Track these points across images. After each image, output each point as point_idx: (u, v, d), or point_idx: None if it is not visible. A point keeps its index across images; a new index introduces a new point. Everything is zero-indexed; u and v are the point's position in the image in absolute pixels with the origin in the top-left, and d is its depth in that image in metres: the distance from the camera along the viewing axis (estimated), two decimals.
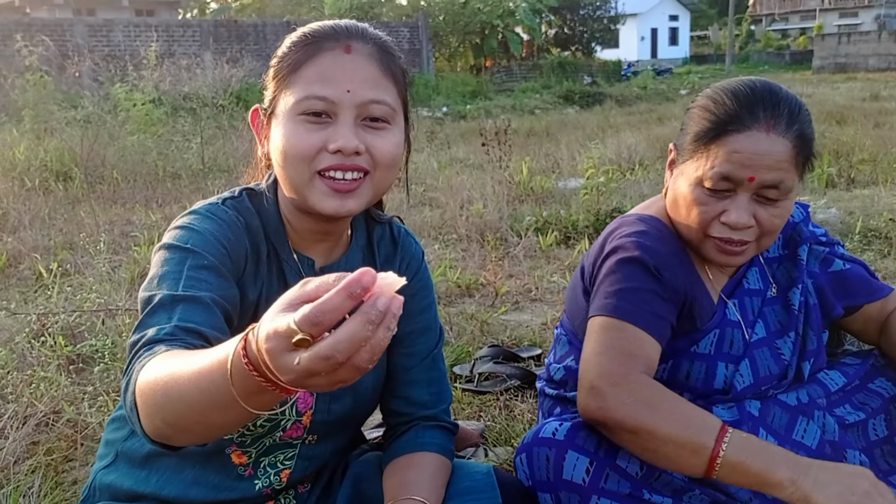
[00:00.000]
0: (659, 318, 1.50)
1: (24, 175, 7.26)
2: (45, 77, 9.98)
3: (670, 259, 1.55)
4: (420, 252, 1.57)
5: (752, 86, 1.46)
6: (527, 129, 12.63)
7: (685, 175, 1.51)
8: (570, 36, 35.32)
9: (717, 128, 1.45)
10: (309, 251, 1.39)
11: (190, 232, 1.24)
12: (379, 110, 1.23)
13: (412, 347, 1.52)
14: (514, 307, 3.98)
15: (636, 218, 1.64)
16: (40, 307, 3.72)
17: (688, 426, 1.33)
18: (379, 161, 1.24)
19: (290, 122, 1.23)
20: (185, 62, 12.38)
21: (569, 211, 5.75)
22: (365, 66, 1.23)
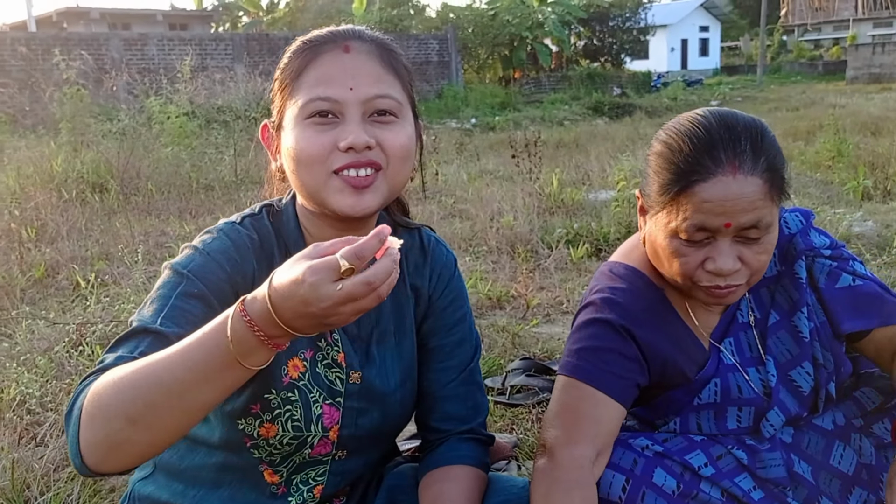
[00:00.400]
0: (619, 378, 1.46)
1: (62, 187, 7.38)
2: (82, 90, 10.15)
3: (644, 316, 1.51)
4: (452, 261, 1.53)
5: (707, 125, 1.37)
6: (556, 140, 12.58)
7: (658, 226, 1.44)
8: (600, 47, 35.19)
9: (679, 179, 1.36)
10: None
11: (194, 254, 1.24)
12: (385, 104, 1.23)
13: (448, 361, 1.48)
14: (545, 320, 3.96)
15: (610, 270, 1.59)
16: (78, 317, 3.78)
17: None
18: (391, 154, 1.24)
19: (299, 128, 1.23)
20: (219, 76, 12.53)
21: (600, 223, 5.71)
22: (365, 62, 1.23)
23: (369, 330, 1.41)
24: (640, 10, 35.71)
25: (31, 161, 8.06)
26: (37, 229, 5.88)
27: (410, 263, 1.47)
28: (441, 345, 1.48)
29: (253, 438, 1.33)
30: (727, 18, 52.01)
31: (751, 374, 1.54)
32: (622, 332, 1.49)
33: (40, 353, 3.32)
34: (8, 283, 4.58)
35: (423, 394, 1.50)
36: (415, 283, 1.47)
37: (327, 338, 1.36)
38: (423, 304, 1.48)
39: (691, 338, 1.55)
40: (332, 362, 1.35)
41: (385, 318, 1.43)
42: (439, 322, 1.48)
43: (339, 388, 1.36)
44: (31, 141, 9.93)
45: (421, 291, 1.47)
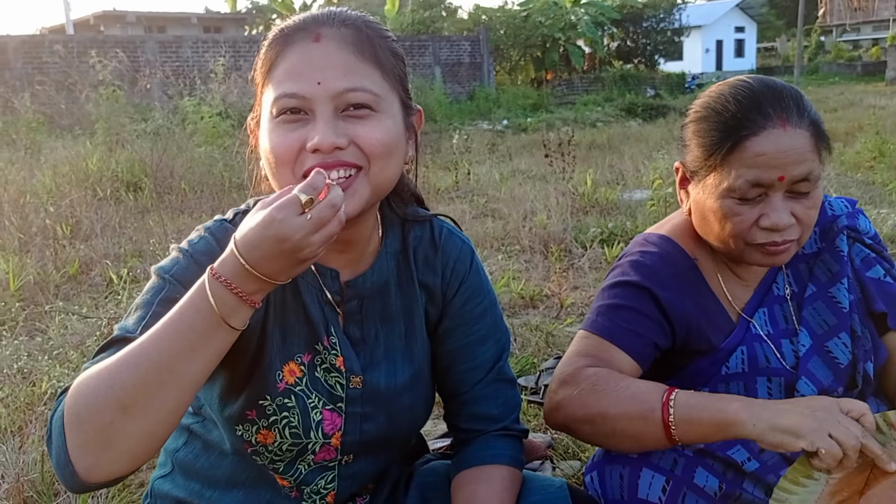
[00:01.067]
0: (636, 335, 1.44)
1: (97, 185, 7.46)
2: (118, 91, 10.27)
3: (672, 280, 1.49)
4: (468, 251, 1.41)
5: (749, 85, 1.40)
6: (588, 141, 12.48)
7: (708, 190, 1.43)
8: (633, 48, 34.88)
9: (730, 136, 1.37)
10: (332, 263, 1.28)
11: (179, 257, 1.17)
12: (358, 97, 1.12)
13: (473, 360, 1.39)
14: (579, 319, 3.90)
15: (646, 239, 1.59)
16: (110, 312, 3.79)
17: (633, 399, 1.30)
18: (369, 151, 1.13)
19: (270, 126, 1.15)
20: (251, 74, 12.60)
21: (635, 222, 5.65)
22: (336, 52, 1.12)
23: (373, 332, 1.33)
24: (675, 11, 35.32)
25: (67, 160, 8.16)
26: (72, 227, 5.94)
27: (419, 258, 1.37)
28: (463, 344, 1.39)
29: (252, 445, 1.28)
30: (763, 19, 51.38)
31: (784, 345, 1.52)
32: (644, 293, 1.48)
33: (72, 348, 3.33)
34: (43, 279, 4.62)
35: (450, 396, 1.44)
36: (425, 280, 1.37)
37: (324, 342, 1.28)
38: (437, 302, 1.38)
39: (718, 308, 1.53)
40: (330, 367, 1.28)
41: (392, 318, 1.35)
42: (458, 320, 1.39)
43: (340, 393, 1.29)
44: (67, 141, 10.06)
45: (433, 289, 1.38)
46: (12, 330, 3.69)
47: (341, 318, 1.29)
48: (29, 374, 3.12)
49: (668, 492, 1.42)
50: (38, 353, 3.32)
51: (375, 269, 1.31)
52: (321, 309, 1.27)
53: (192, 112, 10.08)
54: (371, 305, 1.32)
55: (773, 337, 1.53)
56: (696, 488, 1.42)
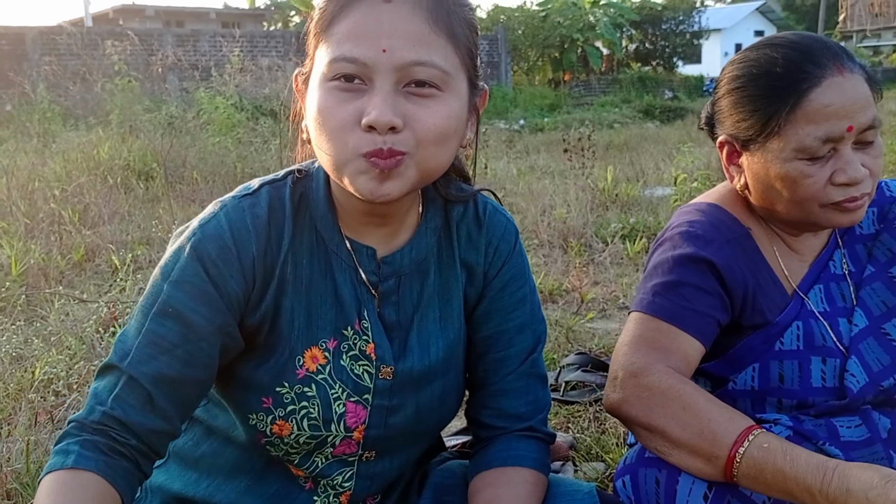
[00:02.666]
0: (699, 314, 1.35)
1: (108, 173, 7.37)
2: (133, 82, 10.22)
3: (727, 247, 1.40)
4: (512, 231, 1.30)
5: (788, 40, 1.34)
6: (606, 142, 12.35)
7: (769, 157, 1.33)
8: (652, 50, 34.70)
9: (789, 92, 1.29)
10: (366, 238, 1.18)
11: (179, 254, 1.09)
12: (425, 73, 1.00)
13: (507, 349, 1.27)
14: (600, 315, 3.76)
15: (693, 207, 1.49)
16: (112, 298, 3.66)
17: (701, 431, 1.20)
18: (422, 137, 1.01)
19: (321, 90, 1.03)
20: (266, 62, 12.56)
21: (657, 218, 5.55)
22: (408, 18, 1.00)
23: (410, 315, 1.21)
24: (694, 14, 35.15)
25: (79, 148, 8.09)
26: (79, 213, 5.85)
27: (462, 235, 1.25)
28: (499, 331, 1.27)
29: (266, 436, 1.16)
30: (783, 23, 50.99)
31: (841, 324, 1.43)
32: (702, 265, 1.37)
33: (70, 333, 3.20)
34: (46, 264, 4.50)
35: (477, 386, 1.30)
36: (467, 258, 1.26)
37: (354, 325, 1.16)
38: (478, 282, 1.27)
39: (774, 280, 1.43)
40: (359, 354, 1.17)
41: (430, 299, 1.23)
42: (497, 304, 1.27)
43: (367, 383, 1.17)
44: (81, 131, 10.01)
45: (474, 268, 1.26)
46: (10, 315, 3.55)
47: (377, 300, 1.18)
48: (23, 359, 2.98)
49: (710, 499, 1.27)
50: (34, 338, 3.19)
51: (414, 244, 1.21)
52: (354, 290, 1.17)
53: (207, 102, 10.00)
54: (409, 285, 1.21)
55: (829, 315, 1.43)
56: (742, 496, 1.27)
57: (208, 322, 1.07)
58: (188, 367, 1.06)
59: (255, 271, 1.11)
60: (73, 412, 2.49)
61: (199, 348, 1.07)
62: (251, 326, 1.12)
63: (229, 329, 1.10)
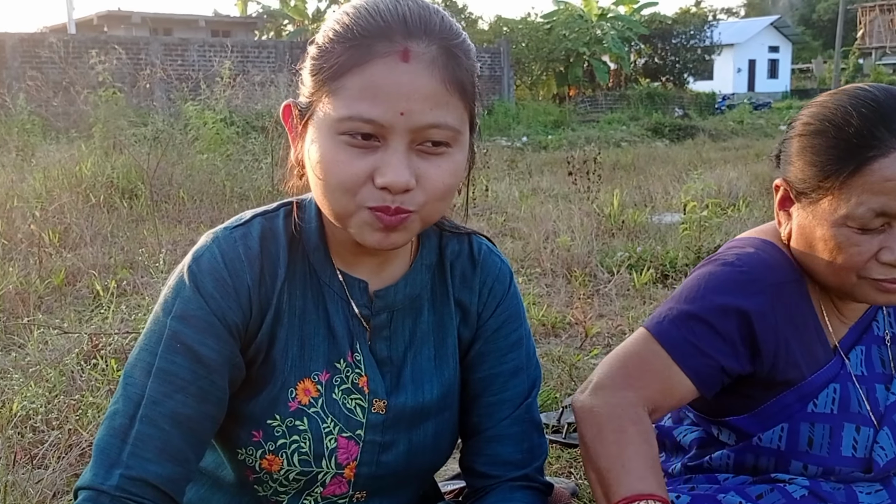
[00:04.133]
0: (702, 354, 1.34)
1: (90, 191, 7.39)
2: (118, 93, 10.25)
3: (773, 289, 1.37)
4: (507, 273, 1.35)
5: (873, 96, 1.28)
6: (612, 161, 12.39)
7: (819, 215, 1.32)
8: (661, 66, 34.91)
9: (852, 156, 1.25)
10: (358, 270, 1.22)
11: (180, 286, 1.14)
12: (439, 134, 1.06)
13: (500, 394, 1.31)
14: (605, 350, 3.77)
15: (748, 242, 1.48)
16: (94, 327, 3.67)
17: (609, 470, 1.24)
18: (431, 194, 1.08)
19: (330, 141, 1.06)
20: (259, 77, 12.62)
21: (665, 247, 5.54)
22: (426, 80, 1.04)
23: (402, 352, 1.25)
24: (706, 28, 35.38)
25: (60, 164, 8.11)
26: (60, 234, 5.85)
27: (457, 274, 1.31)
28: (492, 374, 1.31)
29: (255, 472, 1.20)
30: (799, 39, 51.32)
31: (878, 391, 1.42)
32: (728, 306, 1.35)
33: (50, 365, 3.21)
34: (25, 289, 4.51)
35: (470, 432, 1.34)
36: (461, 298, 1.31)
37: (347, 357, 1.21)
38: (472, 323, 1.32)
39: (818, 332, 1.41)
40: (351, 387, 1.21)
41: (423, 337, 1.27)
42: (490, 346, 1.32)
43: (360, 418, 1.21)
44: (62, 144, 10.03)
45: (468, 308, 1.31)
46: None
47: (368, 333, 1.23)
48: (0, 392, 2.99)
49: None
50: (12, 369, 3.19)
51: (408, 280, 1.26)
52: (347, 322, 1.22)
53: (195, 117, 10.03)
54: (401, 321, 1.26)
55: (867, 380, 1.42)
56: None
57: (218, 354, 1.12)
58: (203, 403, 1.11)
59: (252, 301, 1.15)
60: (54, 451, 2.52)
61: (212, 382, 1.12)
62: (247, 357, 1.17)
63: (236, 360, 1.15)
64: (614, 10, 31.84)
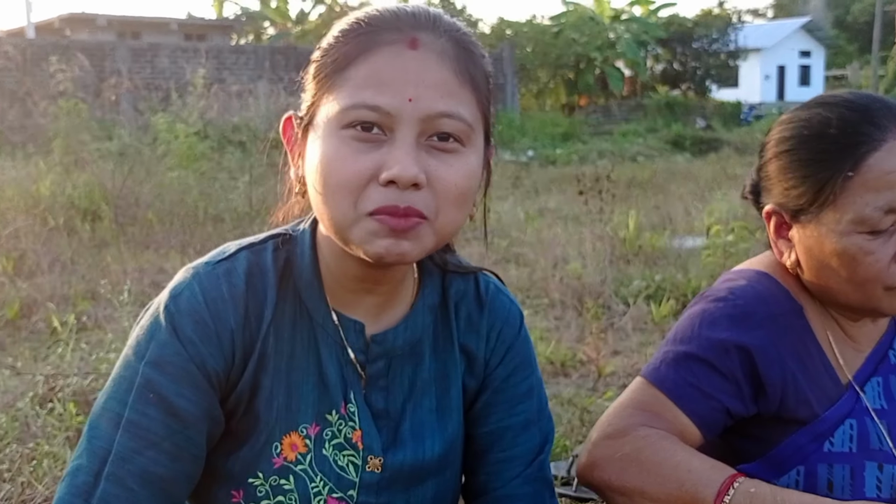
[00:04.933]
0: (703, 395, 1.35)
1: (48, 212, 7.40)
2: (80, 104, 10.29)
3: (771, 324, 1.38)
4: (517, 314, 1.34)
5: (844, 98, 1.35)
6: (628, 178, 12.45)
7: (823, 230, 1.34)
8: (681, 72, 35.15)
9: (844, 156, 1.30)
10: (355, 310, 1.21)
11: (155, 328, 1.12)
12: (450, 126, 1.06)
13: (510, 450, 1.29)
14: (620, 392, 3.74)
15: (738, 274, 1.49)
16: (50, 367, 3.67)
17: (682, 484, 1.23)
18: (444, 196, 1.07)
19: (332, 138, 1.06)
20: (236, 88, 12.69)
21: (686, 275, 5.58)
22: (435, 66, 1.06)
23: (401, 403, 1.23)
24: (730, 31, 35.67)
25: (15, 182, 8.12)
26: (14, 261, 5.86)
27: (462, 316, 1.29)
28: (501, 428, 1.30)
29: None
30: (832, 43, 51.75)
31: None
32: (728, 342, 1.36)
33: (1, 409, 3.20)
34: None
35: (476, 493, 1.32)
36: (467, 344, 1.29)
37: (340, 409, 1.19)
38: (478, 371, 1.30)
39: (826, 367, 1.42)
40: (344, 442, 1.19)
41: (424, 387, 1.25)
42: (499, 396, 1.30)
43: (353, 476, 1.19)
44: (18, 161, 10.05)
45: (475, 354, 1.30)
46: None
47: (363, 381, 1.21)
48: None
49: None
50: None
51: (409, 323, 1.24)
52: (340, 369, 1.20)
53: (165, 130, 10.07)
54: (400, 368, 1.24)
55: (887, 413, 1.42)
56: None
57: (195, 406, 1.10)
58: (177, 461, 1.09)
59: (235, 346, 1.14)
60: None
61: (187, 438, 1.10)
62: (227, 408, 1.15)
63: (215, 413, 1.13)
64: (629, 11, 32.15)
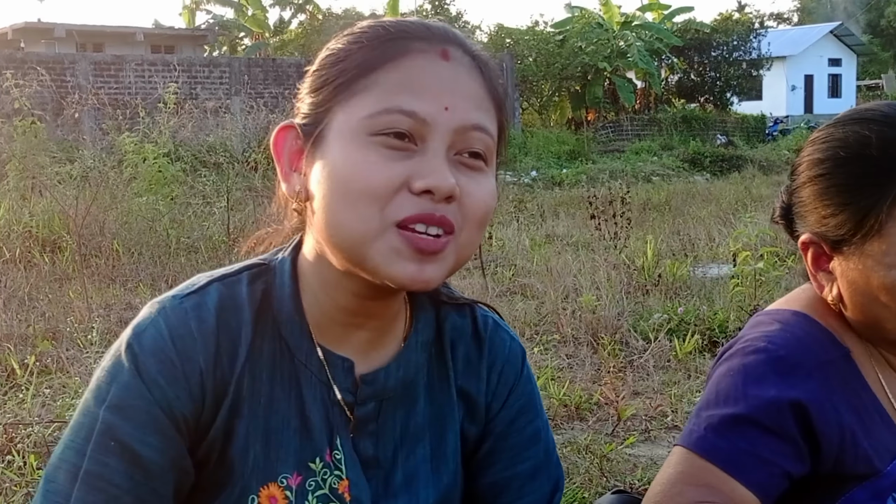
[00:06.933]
0: (762, 462, 1.32)
1: (3, 243, 7.41)
2: (38, 123, 10.30)
3: (819, 373, 1.38)
4: (518, 351, 1.35)
5: (880, 113, 1.36)
6: (642, 200, 12.52)
7: (869, 262, 1.34)
8: (699, 83, 35.30)
9: (889, 179, 1.30)
10: (343, 347, 1.21)
11: (117, 370, 1.11)
12: (481, 141, 1.11)
13: (518, 501, 1.29)
14: (643, 437, 3.78)
15: (772, 317, 1.48)
16: (8, 415, 3.65)
17: None
18: (472, 215, 1.10)
19: (358, 145, 1.07)
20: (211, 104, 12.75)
21: (712, 307, 5.59)
22: (468, 79, 1.11)
23: (391, 451, 1.23)
24: (752, 38, 35.89)
25: None
26: None
27: (459, 357, 1.30)
28: (506, 478, 1.30)
29: None
30: (865, 50, 52.05)
31: None
32: (780, 398, 1.34)
33: None
34: None
35: None
36: (465, 386, 1.30)
37: (325, 456, 1.18)
38: (479, 417, 1.30)
39: (882, 416, 1.40)
40: (329, 494, 1.18)
41: (418, 433, 1.25)
42: (503, 443, 1.30)
43: None
44: None
45: (475, 399, 1.30)
46: None
47: (353, 426, 1.21)
48: None
49: None
50: None
51: (401, 361, 1.24)
52: (326, 411, 1.20)
53: (133, 151, 10.09)
54: (392, 411, 1.24)
55: None
56: None
57: (160, 455, 1.09)
58: None
59: (205, 389, 1.13)
60: None
61: (152, 490, 1.09)
62: (197, 457, 1.14)
63: (183, 462, 1.12)
64: (640, 17, 32.37)
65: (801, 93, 45.41)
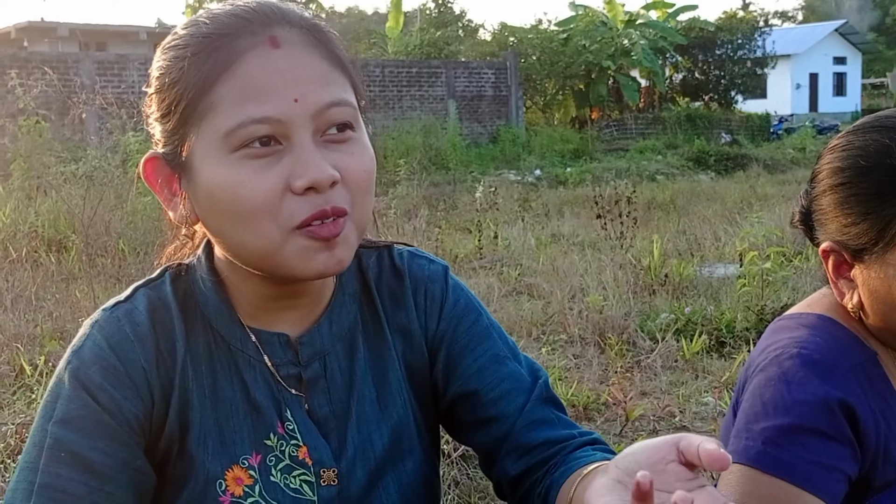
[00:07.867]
0: (827, 469, 1.32)
1: (9, 243, 7.42)
2: (42, 123, 10.30)
3: (853, 377, 1.38)
4: (440, 270, 1.37)
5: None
6: (647, 199, 12.49)
7: (891, 272, 1.34)
8: (703, 82, 35.25)
9: None
10: (276, 324, 1.24)
11: (61, 384, 1.13)
12: (341, 114, 1.11)
13: (500, 384, 1.28)
14: (651, 437, 3.74)
15: (798, 322, 1.48)
16: (20, 415, 3.66)
17: None
18: (356, 186, 1.12)
19: (225, 166, 1.08)
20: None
21: (719, 307, 5.59)
22: (305, 59, 1.10)
23: (346, 399, 1.26)
24: (757, 36, 35.80)
25: None
26: None
27: (385, 296, 1.34)
28: (478, 368, 1.30)
29: None
30: (870, 48, 51.94)
31: None
32: (830, 401, 1.33)
33: None
34: None
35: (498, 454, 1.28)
36: (397, 321, 1.33)
37: (278, 430, 1.21)
38: (418, 343, 1.34)
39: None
40: (291, 463, 1.21)
41: (362, 375, 1.28)
42: (457, 345, 1.33)
43: (310, 496, 1.21)
44: None
45: (409, 329, 1.34)
46: None
47: (304, 389, 1.24)
48: None
49: None
50: None
51: (333, 315, 1.28)
52: (270, 389, 1.23)
53: (138, 151, 10.09)
54: (337, 363, 1.27)
55: None
56: None
57: (111, 458, 1.10)
58: None
59: (151, 386, 1.16)
60: None
61: (108, 494, 1.10)
62: (158, 454, 1.17)
63: (137, 464, 1.13)
64: (644, 15, 32.27)
65: (805, 91, 45.38)
